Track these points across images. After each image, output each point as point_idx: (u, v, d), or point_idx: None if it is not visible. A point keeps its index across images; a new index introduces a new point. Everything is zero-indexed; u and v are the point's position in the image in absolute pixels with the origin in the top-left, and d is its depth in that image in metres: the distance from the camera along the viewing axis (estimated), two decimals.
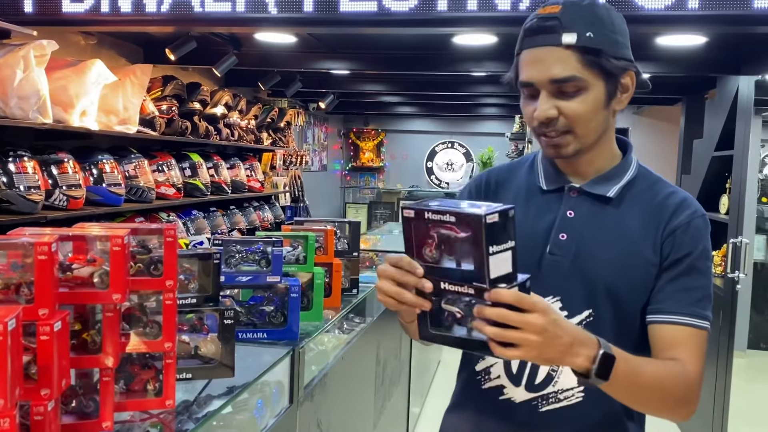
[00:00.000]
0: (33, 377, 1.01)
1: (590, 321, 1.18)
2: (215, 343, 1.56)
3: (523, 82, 1.17)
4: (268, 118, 5.75)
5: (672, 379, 1.11)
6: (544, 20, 1.13)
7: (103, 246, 1.19)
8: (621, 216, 1.21)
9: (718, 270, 4.28)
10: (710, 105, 4.54)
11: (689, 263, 1.17)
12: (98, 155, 3.44)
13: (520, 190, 1.29)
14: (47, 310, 1.00)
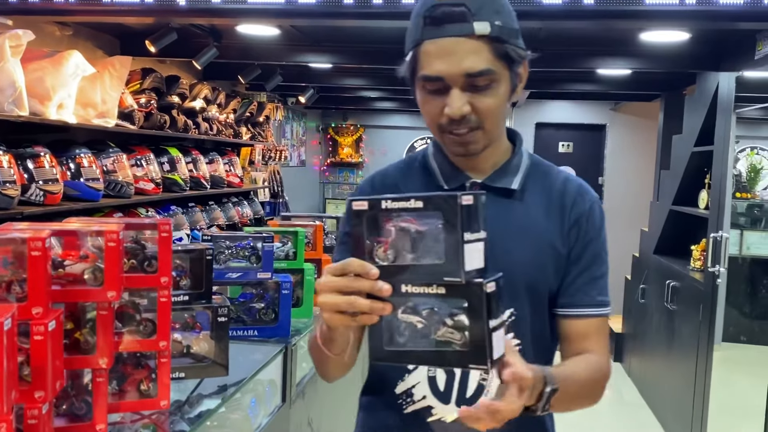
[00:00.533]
0: (26, 379, 0.96)
1: (512, 321, 1.14)
2: (208, 341, 1.52)
3: (429, 77, 1.06)
4: (247, 112, 5.67)
5: (595, 378, 1.14)
6: (451, 7, 1.02)
7: (96, 241, 1.14)
8: (526, 208, 1.17)
9: (698, 264, 4.33)
10: (689, 101, 4.59)
11: (594, 251, 1.17)
12: (76, 149, 3.35)
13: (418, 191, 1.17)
14: (41, 308, 0.95)
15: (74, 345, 1.15)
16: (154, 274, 1.23)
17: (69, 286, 1.10)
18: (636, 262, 5.53)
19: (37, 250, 0.94)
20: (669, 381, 4.44)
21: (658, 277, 4.78)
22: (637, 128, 6.83)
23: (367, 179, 1.28)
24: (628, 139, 6.88)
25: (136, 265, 1.23)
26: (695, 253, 4.38)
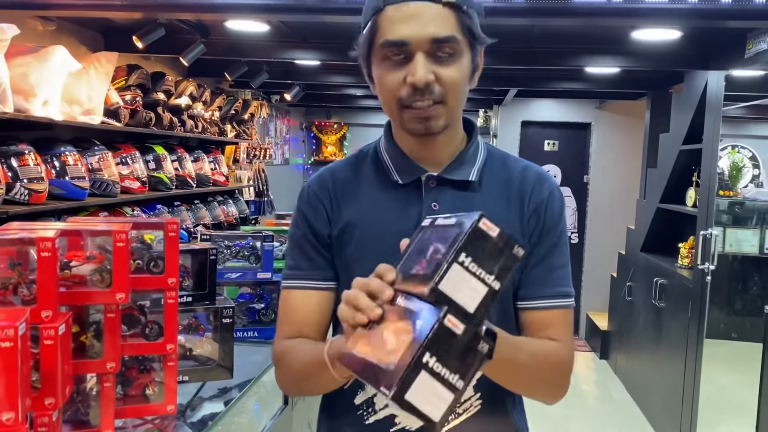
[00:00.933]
0: (35, 385, 0.92)
1: None
2: (211, 343, 1.48)
3: (392, 41, 1.01)
4: (232, 109, 5.61)
5: (551, 360, 1.07)
6: None
7: (101, 242, 1.10)
8: (484, 200, 1.12)
9: (685, 262, 4.36)
10: (677, 99, 4.62)
11: (552, 241, 1.12)
12: (61, 147, 3.27)
13: (371, 184, 1.15)
14: (51, 312, 0.91)
15: (79, 349, 1.10)
16: (161, 275, 1.19)
17: (75, 288, 1.06)
18: (622, 260, 5.56)
19: (46, 251, 0.90)
20: (657, 377, 4.47)
21: (645, 274, 4.81)
22: (622, 127, 6.87)
23: (315, 177, 1.20)
24: (613, 138, 6.92)
25: (142, 266, 1.19)
26: (683, 250, 4.41)
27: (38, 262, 0.90)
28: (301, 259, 1.15)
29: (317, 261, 1.13)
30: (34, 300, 0.92)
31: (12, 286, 0.92)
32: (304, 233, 1.15)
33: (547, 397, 1.10)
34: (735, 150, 7.35)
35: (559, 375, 1.09)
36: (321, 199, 1.15)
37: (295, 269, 1.15)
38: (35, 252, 0.93)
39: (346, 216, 1.13)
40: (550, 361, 1.07)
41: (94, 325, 1.14)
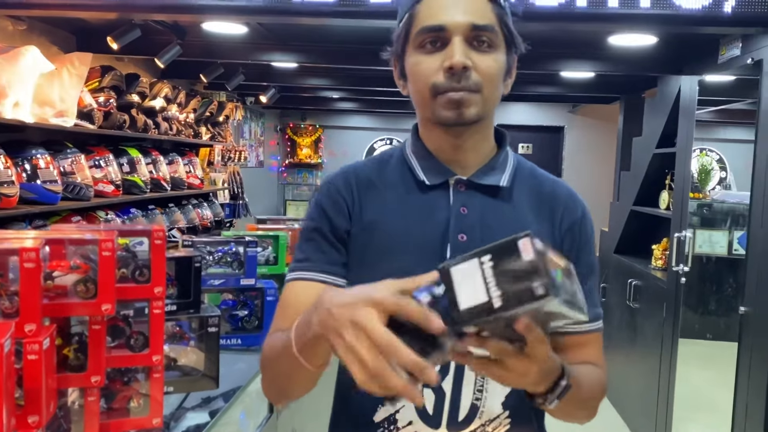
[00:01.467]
0: (18, 402, 0.88)
1: None
2: (196, 352, 1.45)
3: (430, 26, 0.99)
4: (207, 111, 5.54)
5: (597, 390, 1.07)
6: None
7: (84, 250, 1.07)
8: (515, 208, 1.09)
9: (659, 263, 4.42)
10: (650, 104, 4.68)
11: (586, 262, 1.10)
12: (32, 150, 3.19)
13: (396, 185, 1.10)
14: (34, 325, 0.88)
15: (62, 362, 1.07)
16: (147, 284, 1.16)
17: (58, 299, 1.02)
18: None
19: (30, 262, 0.86)
20: (633, 378, 4.52)
21: (619, 276, 4.86)
22: (595, 130, 6.95)
23: (338, 173, 1.15)
24: (585, 141, 7.00)
25: (127, 275, 1.16)
26: (656, 252, 4.47)
27: (21, 273, 0.87)
28: (313, 251, 1.07)
29: (331, 255, 1.06)
30: (17, 313, 0.89)
31: None
32: (321, 226, 1.08)
33: (582, 420, 1.08)
34: (704, 153, 7.49)
35: (599, 400, 1.09)
36: (343, 194, 1.09)
37: (305, 261, 1.07)
38: (17, 262, 0.90)
39: (368, 216, 1.07)
40: (596, 394, 1.07)
41: (76, 337, 1.11)
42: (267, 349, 1.02)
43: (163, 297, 1.16)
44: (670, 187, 4.28)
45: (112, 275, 1.02)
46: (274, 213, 8.58)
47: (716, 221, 6.56)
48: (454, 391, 1.04)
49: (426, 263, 0.99)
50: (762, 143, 2.82)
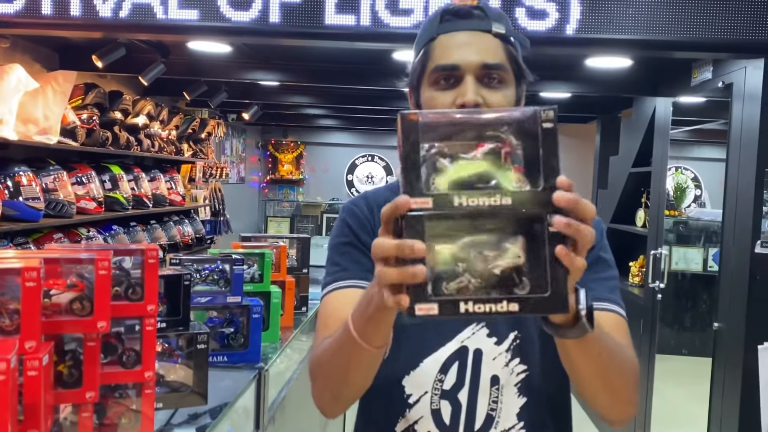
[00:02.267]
0: (18, 418, 0.90)
1: (517, 344, 1.09)
2: (185, 369, 1.47)
3: (444, 65, 1.05)
4: (189, 128, 5.56)
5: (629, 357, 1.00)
6: (470, 7, 1.07)
7: (79, 269, 1.09)
8: None
9: (636, 280, 4.51)
10: (626, 124, 4.79)
11: (596, 255, 1.08)
12: (14, 167, 3.19)
13: None
14: (34, 342, 0.90)
15: (57, 379, 1.09)
16: (139, 302, 1.18)
17: (54, 317, 1.04)
18: None
19: (32, 281, 0.89)
20: None
21: None
22: (573, 149, 7.08)
23: (360, 197, 1.20)
24: (564, 160, 7.10)
25: (120, 293, 1.18)
26: (633, 269, 4.55)
27: (23, 292, 0.89)
28: (348, 262, 1.10)
29: (366, 264, 1.07)
30: (17, 330, 0.91)
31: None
32: (351, 240, 1.12)
33: (622, 404, 0.99)
34: (679, 171, 7.65)
35: (635, 378, 1.01)
36: (366, 213, 1.14)
37: (342, 271, 1.09)
38: (17, 281, 0.92)
39: None
40: (629, 361, 0.99)
41: (70, 354, 1.13)
42: (318, 354, 1.02)
43: (155, 314, 1.19)
44: (646, 205, 4.38)
45: (107, 294, 1.05)
46: (254, 229, 8.57)
47: (691, 238, 6.70)
48: (470, 401, 1.07)
49: None
50: (733, 163, 2.91)
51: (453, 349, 1.08)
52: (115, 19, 2.47)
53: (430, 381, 1.08)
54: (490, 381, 1.08)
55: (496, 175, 0.72)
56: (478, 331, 1.09)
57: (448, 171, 0.72)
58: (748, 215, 2.75)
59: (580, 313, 0.80)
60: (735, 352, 2.82)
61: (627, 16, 2.55)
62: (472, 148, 0.72)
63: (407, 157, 0.72)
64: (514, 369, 1.08)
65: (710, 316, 5.71)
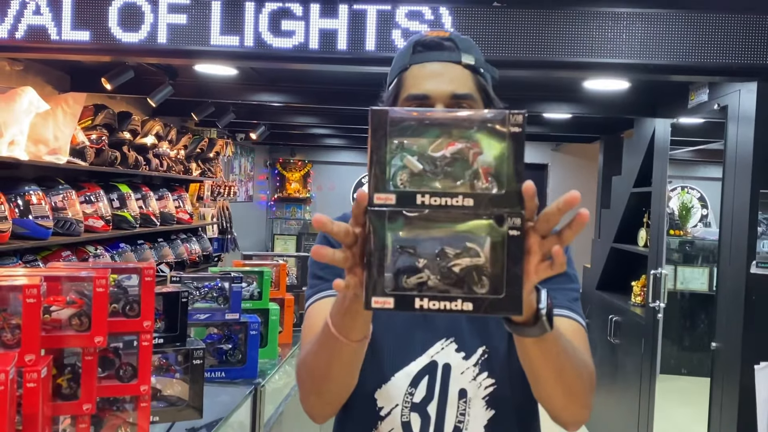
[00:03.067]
0: (17, 428, 0.96)
1: (485, 358, 1.13)
2: (181, 384, 1.52)
3: (415, 95, 1.09)
4: (198, 148, 5.65)
5: (584, 361, 1.02)
6: (441, 39, 1.11)
7: (77, 286, 1.15)
8: None
9: (638, 300, 4.52)
10: (628, 144, 4.83)
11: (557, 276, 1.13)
12: (25, 186, 3.27)
13: None
14: (33, 356, 0.96)
15: (55, 391, 1.14)
16: (136, 318, 1.24)
17: (54, 331, 1.10)
18: None
19: (32, 297, 0.95)
20: (613, 413, 4.58)
21: (600, 312, 4.96)
22: (577, 168, 7.12)
23: (341, 216, 1.22)
24: (569, 178, 7.15)
25: (118, 309, 1.24)
26: (636, 288, 4.57)
27: (24, 308, 0.95)
28: (330, 275, 1.12)
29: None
30: (18, 344, 0.97)
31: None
32: None
33: (577, 407, 1.01)
34: (684, 191, 7.65)
35: (591, 382, 1.03)
36: None
37: (324, 282, 1.14)
38: (19, 297, 0.98)
39: None
40: (583, 364, 1.01)
41: (69, 368, 1.18)
42: (302, 356, 1.06)
43: (152, 330, 1.24)
44: (648, 225, 4.41)
45: (105, 310, 1.11)
46: (262, 247, 8.64)
47: (697, 258, 6.69)
48: (439, 414, 1.12)
49: None
50: (729, 183, 2.95)
51: (423, 363, 1.13)
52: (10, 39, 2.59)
53: (400, 394, 1.12)
54: (458, 394, 1.12)
55: (463, 176, 0.73)
56: (447, 346, 1.13)
57: (414, 168, 0.72)
58: (744, 235, 2.78)
59: (540, 312, 0.83)
60: (732, 372, 2.84)
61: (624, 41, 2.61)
62: (440, 147, 0.73)
63: (374, 151, 0.73)
64: (482, 383, 1.12)
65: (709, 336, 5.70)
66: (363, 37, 2.52)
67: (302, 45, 2.52)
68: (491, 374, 1.13)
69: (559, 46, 2.60)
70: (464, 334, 1.13)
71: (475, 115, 0.74)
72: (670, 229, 6.71)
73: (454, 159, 0.73)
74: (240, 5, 2.55)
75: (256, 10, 2.53)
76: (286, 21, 2.52)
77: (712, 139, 5.17)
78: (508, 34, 2.58)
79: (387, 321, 1.13)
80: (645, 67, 2.72)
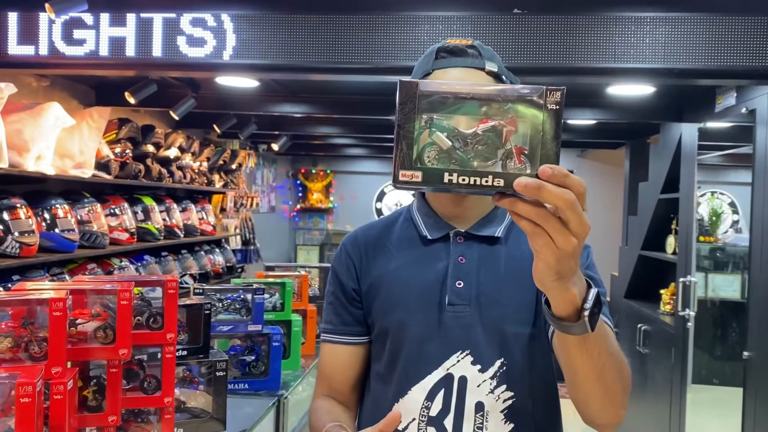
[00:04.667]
0: None
1: (503, 371, 1.11)
2: (204, 395, 1.52)
3: None
4: (221, 159, 5.69)
5: (624, 362, 1.01)
6: (464, 46, 1.11)
7: (101, 299, 1.15)
8: (511, 252, 1.16)
9: (668, 308, 4.44)
10: (654, 150, 4.76)
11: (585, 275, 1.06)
12: (51, 200, 3.32)
13: (401, 242, 1.20)
14: (60, 368, 0.96)
15: (81, 403, 1.14)
16: (160, 330, 1.24)
17: (79, 344, 1.10)
18: None
19: (58, 311, 0.95)
20: (643, 425, 4.49)
21: (629, 321, 4.88)
22: (603, 174, 7.04)
23: (350, 236, 1.28)
24: (594, 185, 7.07)
25: (142, 322, 1.24)
26: (664, 296, 4.49)
27: (50, 321, 0.95)
28: (332, 314, 1.24)
29: (345, 317, 1.21)
30: (45, 356, 0.97)
31: (24, 344, 0.97)
32: (335, 290, 1.24)
33: (615, 408, 1.00)
34: (714, 196, 7.51)
35: (628, 382, 1.02)
36: (352, 257, 1.23)
37: (328, 323, 1.25)
38: (46, 311, 0.98)
39: (375, 271, 1.20)
40: (624, 365, 1.00)
41: (94, 380, 1.18)
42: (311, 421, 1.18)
43: (175, 343, 1.24)
44: (676, 232, 4.33)
45: (129, 323, 1.10)
46: (285, 257, 8.66)
47: (729, 265, 6.56)
48: (455, 428, 1.10)
49: (426, 308, 1.12)
50: (758, 188, 2.89)
51: (439, 376, 1.11)
52: None
53: (417, 408, 1.11)
54: (474, 407, 1.10)
55: (495, 155, 0.70)
56: (462, 359, 1.12)
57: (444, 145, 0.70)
58: None
59: (584, 311, 0.82)
60: (766, 382, 2.77)
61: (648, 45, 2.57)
62: (473, 123, 0.71)
63: (402, 125, 0.71)
64: (500, 395, 1.11)
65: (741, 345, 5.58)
66: (150, 44, 2.58)
67: (93, 52, 2.60)
68: (510, 387, 1.11)
69: (582, 52, 2.57)
70: (480, 346, 1.11)
71: (511, 90, 0.71)
72: (699, 235, 6.60)
73: (487, 137, 0.70)
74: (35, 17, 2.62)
75: (50, 21, 2.61)
76: (78, 30, 2.61)
77: (740, 143, 5.07)
78: (528, 40, 2.56)
79: (401, 334, 1.12)
80: (670, 71, 2.68)
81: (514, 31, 2.56)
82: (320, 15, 2.51)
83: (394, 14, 2.51)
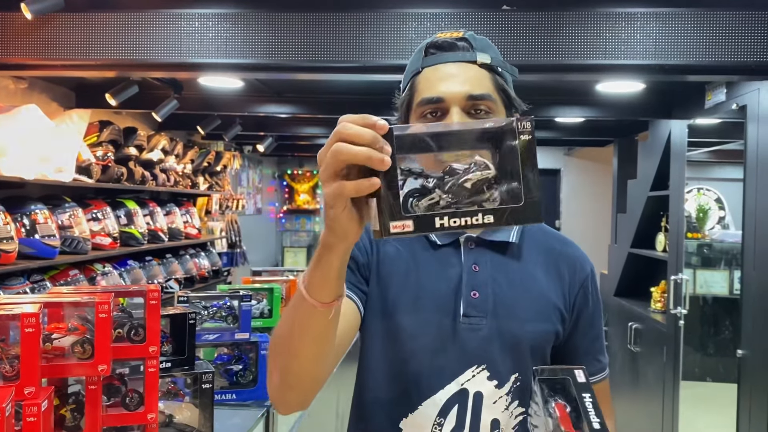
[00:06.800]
0: None
1: (517, 386, 1.08)
2: (191, 409, 1.45)
3: (428, 98, 1.03)
4: (205, 161, 5.60)
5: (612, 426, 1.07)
6: (454, 40, 1.06)
7: (81, 311, 1.09)
8: (525, 263, 1.12)
9: (658, 306, 4.42)
10: (643, 147, 4.75)
11: (592, 312, 1.14)
12: (30, 205, 3.22)
13: (412, 246, 1.13)
14: (33, 388, 0.89)
15: (59, 422, 1.08)
16: (142, 343, 1.17)
17: (56, 360, 1.04)
18: None
19: (30, 327, 0.88)
20: (635, 422, 4.47)
21: (619, 319, 4.86)
22: (591, 172, 7.03)
23: None
24: (582, 183, 7.06)
25: (123, 335, 1.17)
26: (655, 294, 4.47)
27: (22, 337, 0.89)
28: None
29: (348, 276, 1.03)
30: (17, 376, 0.90)
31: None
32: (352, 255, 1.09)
33: None
34: (701, 192, 7.53)
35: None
36: (365, 240, 1.12)
37: None
38: (17, 326, 0.92)
39: (384, 269, 1.11)
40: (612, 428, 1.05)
41: (73, 397, 1.12)
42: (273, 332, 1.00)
43: (158, 356, 1.17)
44: (666, 229, 4.31)
45: (108, 336, 1.04)
46: (272, 259, 8.58)
47: (716, 261, 6.57)
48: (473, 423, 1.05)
49: (439, 318, 1.05)
50: (750, 184, 2.86)
51: (452, 391, 1.05)
52: None
53: (428, 424, 1.05)
54: (490, 425, 1.05)
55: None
56: (478, 374, 1.06)
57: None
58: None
59: None
60: (760, 379, 2.74)
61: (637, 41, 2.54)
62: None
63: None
64: (513, 411, 1.06)
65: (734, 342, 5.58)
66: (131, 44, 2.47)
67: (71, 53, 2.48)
68: (522, 403, 1.07)
69: (572, 49, 2.53)
70: (497, 361, 1.06)
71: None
72: (687, 232, 6.61)
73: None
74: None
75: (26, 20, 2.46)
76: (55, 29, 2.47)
77: (728, 140, 5.07)
78: (518, 37, 2.51)
79: (412, 343, 1.06)
80: (660, 68, 2.65)
81: (502, 27, 2.52)
82: (305, 13, 2.45)
83: (382, 11, 2.46)
